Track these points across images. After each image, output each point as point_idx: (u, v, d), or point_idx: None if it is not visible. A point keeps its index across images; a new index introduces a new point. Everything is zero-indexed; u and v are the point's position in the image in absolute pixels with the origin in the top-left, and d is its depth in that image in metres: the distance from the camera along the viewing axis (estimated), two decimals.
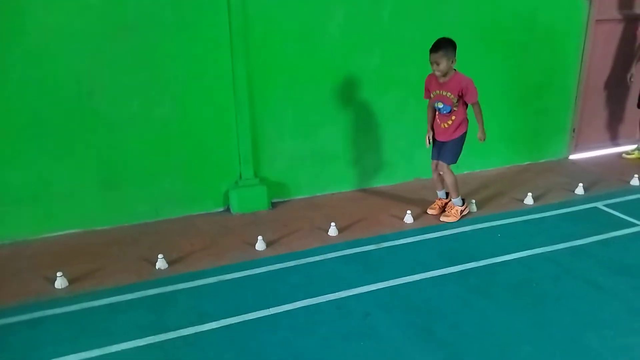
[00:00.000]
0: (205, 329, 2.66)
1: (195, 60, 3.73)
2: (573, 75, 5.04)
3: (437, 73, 3.57)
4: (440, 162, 3.84)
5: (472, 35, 4.49)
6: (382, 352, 2.49)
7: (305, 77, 4.07)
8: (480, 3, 4.46)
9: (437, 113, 3.77)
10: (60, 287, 3.03)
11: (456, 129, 3.72)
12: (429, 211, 4.00)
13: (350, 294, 2.95)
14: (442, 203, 4.01)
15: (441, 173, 3.88)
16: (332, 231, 3.68)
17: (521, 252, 3.39)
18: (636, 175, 4.58)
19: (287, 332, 2.63)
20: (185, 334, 2.62)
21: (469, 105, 3.69)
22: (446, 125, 3.74)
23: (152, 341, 2.57)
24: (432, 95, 3.74)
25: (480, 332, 2.62)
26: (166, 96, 3.73)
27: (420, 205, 4.13)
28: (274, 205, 4.21)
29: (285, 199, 4.31)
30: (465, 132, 3.77)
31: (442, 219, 3.88)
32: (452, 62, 3.54)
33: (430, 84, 3.73)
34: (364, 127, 4.39)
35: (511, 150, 5.07)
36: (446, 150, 3.79)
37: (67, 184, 3.64)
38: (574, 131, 5.25)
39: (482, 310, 2.81)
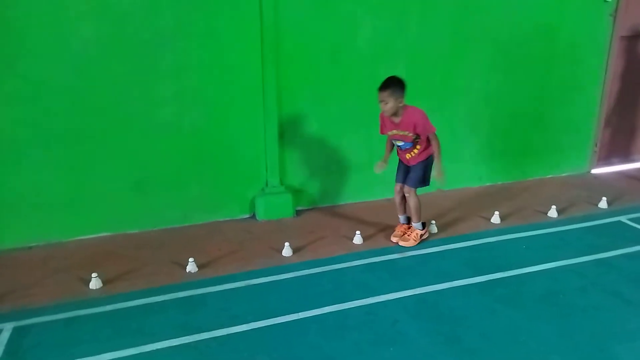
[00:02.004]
0: (237, 330, 2.72)
1: (226, 70, 3.84)
2: (596, 90, 5.07)
3: (385, 113, 3.47)
4: (407, 186, 3.70)
5: (495, 49, 4.56)
6: (411, 359, 2.52)
7: (332, 88, 4.16)
8: (504, 18, 4.52)
9: (398, 148, 3.66)
10: (94, 288, 3.12)
11: (421, 152, 3.60)
12: (393, 239, 3.77)
13: (378, 300, 3.00)
14: (403, 229, 3.83)
15: (407, 195, 3.73)
16: (357, 239, 3.74)
17: (547, 264, 3.41)
18: None
19: (317, 337, 2.67)
20: (218, 335, 2.69)
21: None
22: (410, 156, 3.62)
23: (185, 341, 2.63)
24: (389, 134, 3.61)
25: (508, 341, 2.65)
26: (198, 105, 3.84)
27: (443, 216, 4.17)
28: (298, 213, 4.28)
29: (310, 207, 4.38)
30: (432, 155, 3.61)
31: (401, 243, 3.72)
32: (400, 102, 3.40)
33: (385, 125, 3.59)
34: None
35: (534, 163, 5.08)
36: (413, 174, 3.66)
37: (100, 189, 3.75)
38: (596, 145, 5.26)
39: (509, 319, 2.83)
